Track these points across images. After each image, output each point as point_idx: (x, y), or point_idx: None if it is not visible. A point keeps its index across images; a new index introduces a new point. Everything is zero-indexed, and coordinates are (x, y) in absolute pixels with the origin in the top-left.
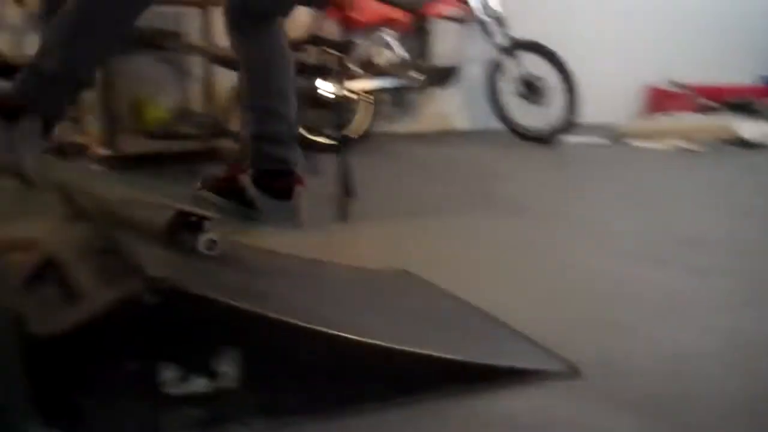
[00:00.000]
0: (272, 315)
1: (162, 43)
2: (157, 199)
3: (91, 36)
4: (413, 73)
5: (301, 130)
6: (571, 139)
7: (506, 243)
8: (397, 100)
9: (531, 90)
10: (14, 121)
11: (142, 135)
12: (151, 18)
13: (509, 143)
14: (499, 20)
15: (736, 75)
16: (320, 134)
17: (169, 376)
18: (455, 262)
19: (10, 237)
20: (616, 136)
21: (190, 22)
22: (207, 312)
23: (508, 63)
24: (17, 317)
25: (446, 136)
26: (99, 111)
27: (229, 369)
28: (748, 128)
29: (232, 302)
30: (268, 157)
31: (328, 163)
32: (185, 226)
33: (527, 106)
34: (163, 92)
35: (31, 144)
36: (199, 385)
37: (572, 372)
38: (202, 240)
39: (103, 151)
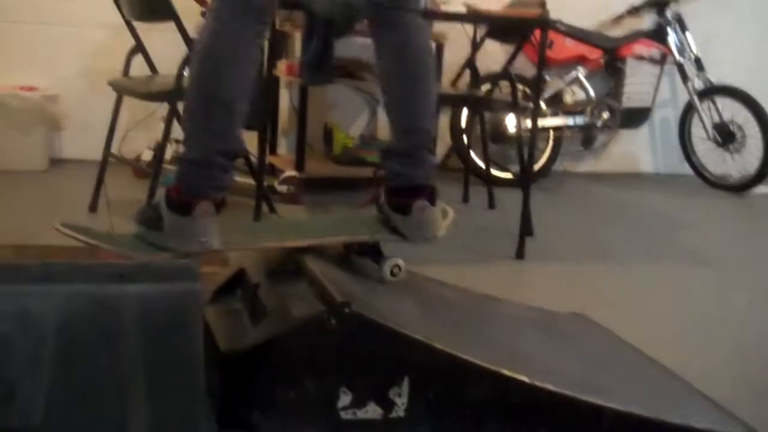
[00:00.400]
0: (447, 350)
1: (355, 72)
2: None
3: (213, 114)
4: (603, 113)
5: (485, 164)
6: (765, 189)
7: (687, 294)
8: (585, 138)
9: (725, 136)
10: (189, 214)
11: (330, 160)
12: (346, 48)
13: (697, 190)
14: (698, 63)
15: None
16: (503, 169)
17: (345, 401)
18: (632, 309)
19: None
20: None
21: None
22: (386, 340)
23: (703, 107)
24: (206, 331)
25: (632, 179)
26: (292, 135)
27: (400, 399)
28: None
29: (410, 333)
30: (391, 172)
31: (508, 199)
32: (367, 252)
33: (720, 152)
34: (353, 120)
35: (212, 229)
36: (372, 412)
37: None
38: (387, 265)
39: (293, 173)
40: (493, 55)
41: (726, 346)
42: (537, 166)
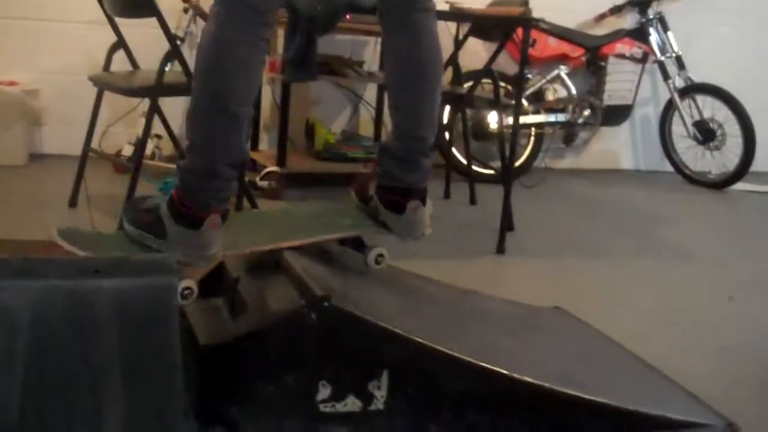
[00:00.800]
0: (427, 343)
1: (338, 69)
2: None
3: (218, 124)
4: (584, 110)
5: (466, 161)
6: (744, 186)
7: (667, 289)
8: (566, 135)
9: (705, 134)
10: (198, 228)
11: (312, 155)
12: (329, 45)
13: (677, 187)
14: (679, 61)
15: None
16: (485, 166)
17: (325, 394)
18: (612, 304)
19: None
20: None
21: (364, 50)
22: (365, 334)
23: (684, 105)
24: (185, 325)
25: (612, 176)
26: (273, 131)
27: (379, 392)
28: None
29: (390, 326)
30: (386, 171)
31: (490, 195)
32: (347, 241)
33: (700, 149)
34: (335, 116)
35: (219, 240)
36: (351, 405)
37: (730, 430)
38: (372, 255)
39: (274, 169)
40: (476, 52)
41: (706, 340)
42: (518, 163)
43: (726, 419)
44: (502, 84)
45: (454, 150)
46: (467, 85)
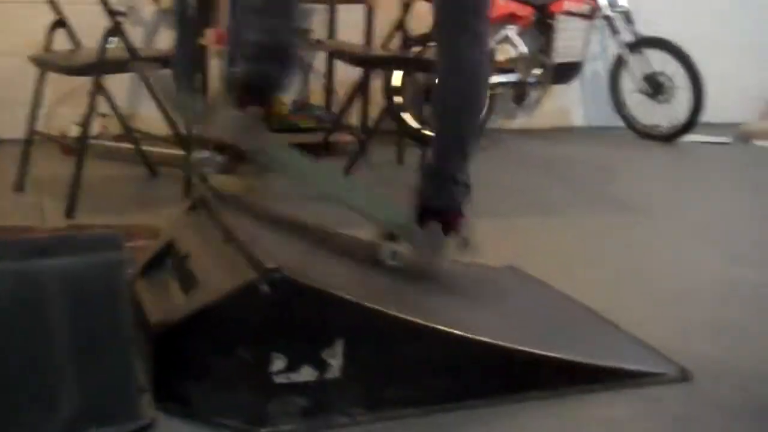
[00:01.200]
0: (379, 308)
1: None
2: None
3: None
4: (534, 69)
5: (418, 125)
6: (694, 138)
7: (618, 242)
8: (517, 95)
9: (654, 87)
10: (244, 108)
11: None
12: None
13: (629, 141)
14: (626, 16)
15: None
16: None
17: (278, 365)
18: (565, 260)
19: (133, 224)
20: (740, 135)
21: (314, 18)
22: (318, 303)
23: (633, 59)
24: (136, 304)
25: (565, 133)
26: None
27: (335, 360)
28: None
29: (342, 294)
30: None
31: None
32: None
33: (649, 103)
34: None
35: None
36: (306, 375)
37: (682, 376)
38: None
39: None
40: (424, 16)
41: (658, 291)
42: None
43: (678, 366)
44: None
45: (405, 115)
46: (417, 49)
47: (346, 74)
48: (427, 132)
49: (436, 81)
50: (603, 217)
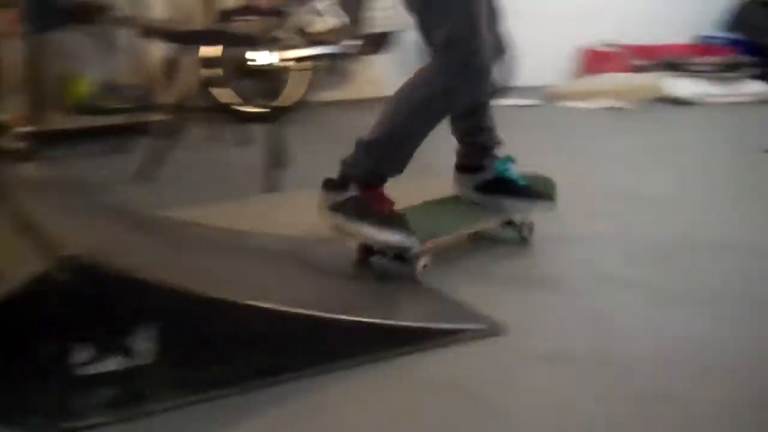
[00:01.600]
0: (186, 288)
1: (89, 17)
2: None
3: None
4: (348, 40)
5: (232, 100)
6: (504, 101)
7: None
8: (333, 67)
9: None
10: None
11: (70, 111)
12: None
13: None
14: None
15: (673, 35)
16: (251, 104)
17: (81, 357)
18: None
19: None
20: (550, 97)
21: None
22: (120, 288)
23: None
24: None
25: (379, 104)
26: (24, 88)
27: (143, 345)
28: (681, 86)
29: (146, 277)
30: None
31: (260, 134)
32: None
33: None
34: (90, 67)
35: None
36: (112, 363)
37: (495, 330)
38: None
39: (27, 129)
40: None
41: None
42: (289, 99)
43: (491, 320)
44: (264, 20)
45: (216, 90)
46: (225, 23)
47: (155, 52)
48: (245, 108)
49: None
50: (420, 182)
